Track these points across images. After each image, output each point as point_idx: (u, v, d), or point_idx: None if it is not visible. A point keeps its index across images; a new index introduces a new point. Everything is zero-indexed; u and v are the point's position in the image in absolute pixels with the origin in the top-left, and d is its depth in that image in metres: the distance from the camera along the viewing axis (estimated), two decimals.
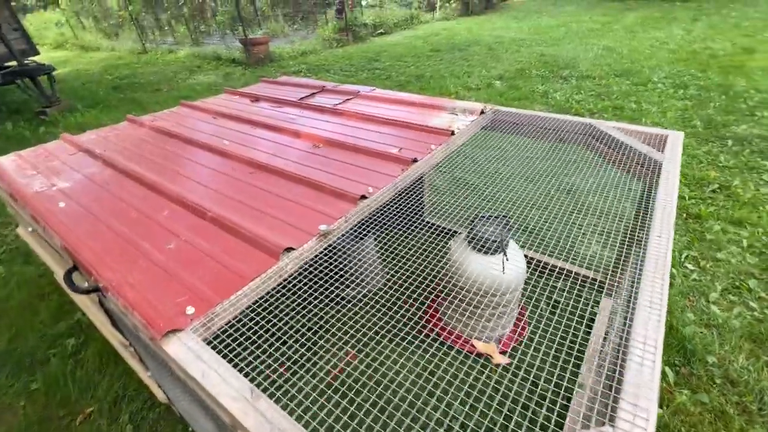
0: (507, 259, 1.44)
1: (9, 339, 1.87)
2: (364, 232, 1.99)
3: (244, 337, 0.88)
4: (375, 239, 2.07)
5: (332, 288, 1.88)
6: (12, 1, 13.66)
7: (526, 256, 1.75)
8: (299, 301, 1.62)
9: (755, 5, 9.55)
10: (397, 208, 1.33)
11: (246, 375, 0.72)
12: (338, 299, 1.90)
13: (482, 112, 1.74)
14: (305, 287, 1.09)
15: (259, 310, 1.01)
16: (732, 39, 6.68)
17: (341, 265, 1.88)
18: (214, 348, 0.74)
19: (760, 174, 2.80)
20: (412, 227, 1.89)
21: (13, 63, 4.91)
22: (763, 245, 2.12)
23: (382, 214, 1.29)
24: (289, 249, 0.93)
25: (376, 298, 1.86)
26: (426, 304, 1.88)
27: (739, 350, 1.57)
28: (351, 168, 1.32)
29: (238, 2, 7.26)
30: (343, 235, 1.63)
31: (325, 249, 1.02)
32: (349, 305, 1.86)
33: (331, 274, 1.27)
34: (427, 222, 2.28)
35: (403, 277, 1.94)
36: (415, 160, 1.33)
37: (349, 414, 1.26)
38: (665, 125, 3.72)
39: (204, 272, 0.89)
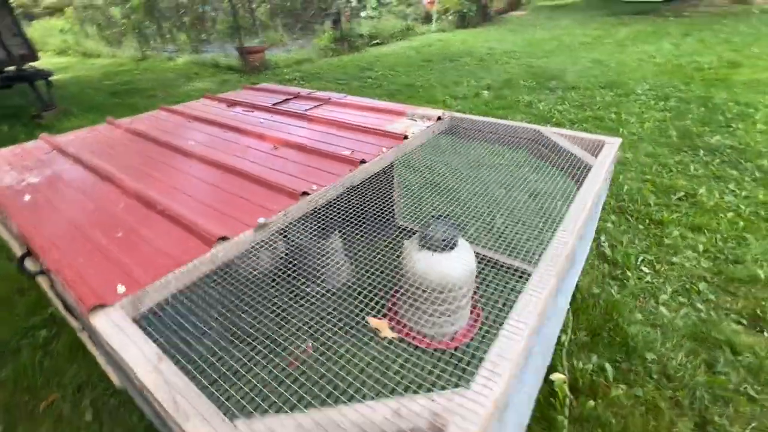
0: (432, 256, 1.52)
1: None
2: (330, 231, 2.07)
3: (177, 323, 0.96)
4: (342, 238, 2.15)
5: (290, 283, 1.94)
6: (16, 8, 13.99)
7: (487, 255, 1.82)
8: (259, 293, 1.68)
9: (746, 21, 9.72)
10: (361, 208, 1.41)
11: (177, 361, 0.80)
12: (298, 294, 1.97)
13: (439, 119, 1.83)
14: (257, 280, 1.16)
15: (195, 298, 1.08)
16: (720, 53, 6.81)
17: (302, 261, 1.95)
18: (143, 328, 0.82)
19: (726, 183, 2.87)
20: (378, 228, 1.97)
21: (13, 68, 5.06)
22: (718, 250, 2.19)
23: (347, 215, 1.37)
24: (223, 238, 1.01)
25: (340, 294, 1.93)
26: (387, 301, 1.94)
27: (680, 348, 1.63)
28: (301, 167, 1.41)
29: (235, 12, 7.45)
30: (308, 232, 1.71)
31: (293, 247, 1.10)
32: (310, 300, 1.93)
33: (293, 268, 1.35)
34: (397, 224, 2.36)
35: (366, 276, 2.01)
36: (363, 161, 1.41)
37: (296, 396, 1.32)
38: (642, 135, 3.81)
39: (142, 257, 0.97)
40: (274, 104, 2.18)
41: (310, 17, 11.09)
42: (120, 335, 0.76)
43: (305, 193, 1.21)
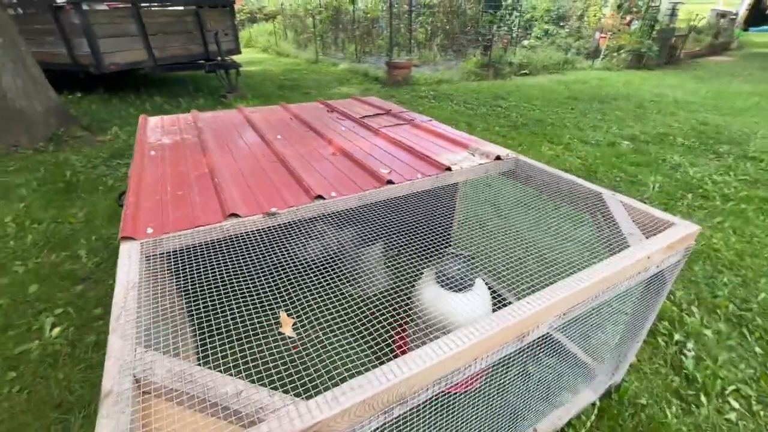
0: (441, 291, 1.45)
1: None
2: (374, 239, 2.18)
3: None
4: (384, 249, 2.23)
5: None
6: (245, 14, 17.62)
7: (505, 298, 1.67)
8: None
9: None
10: (411, 227, 1.50)
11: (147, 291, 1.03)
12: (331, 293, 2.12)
13: (498, 158, 1.76)
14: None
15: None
16: None
17: (341, 261, 2.11)
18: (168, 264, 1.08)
19: None
20: (424, 250, 2.00)
21: (219, 59, 6.64)
22: None
23: (395, 229, 1.49)
24: (234, 215, 1.22)
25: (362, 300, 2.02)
26: (397, 324, 1.95)
27: None
28: (338, 174, 1.56)
29: (391, 31, 8.18)
30: (354, 236, 1.86)
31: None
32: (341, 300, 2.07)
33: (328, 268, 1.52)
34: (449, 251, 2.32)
35: (393, 291, 2.05)
36: (390, 182, 1.49)
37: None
38: None
39: (179, 212, 1.25)
40: (361, 117, 2.40)
41: (467, 41, 11.37)
42: (126, 261, 1.03)
43: (320, 197, 1.36)
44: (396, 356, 1.65)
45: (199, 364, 0.79)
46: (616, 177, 3.83)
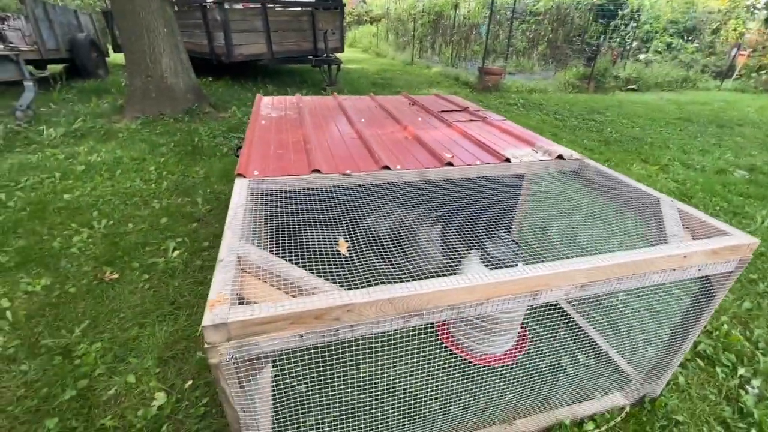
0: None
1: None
2: (435, 220, 2.37)
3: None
4: (443, 231, 2.41)
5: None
6: (353, 17, 18.82)
7: None
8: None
9: None
10: (472, 213, 1.71)
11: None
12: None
13: (560, 157, 1.83)
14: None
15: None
16: None
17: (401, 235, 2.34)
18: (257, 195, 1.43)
19: None
20: (484, 236, 2.14)
21: (324, 55, 7.35)
22: None
23: (455, 212, 1.70)
24: (317, 170, 1.53)
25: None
26: None
27: None
28: (406, 153, 1.79)
29: (487, 37, 8.17)
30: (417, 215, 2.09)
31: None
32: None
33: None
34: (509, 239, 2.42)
35: (443, 270, 2.22)
36: (449, 164, 1.68)
37: None
38: None
39: (278, 164, 1.60)
40: (439, 111, 2.60)
41: (572, 51, 10.78)
42: (238, 190, 1.39)
43: (386, 167, 1.60)
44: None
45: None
46: (716, 206, 3.45)
